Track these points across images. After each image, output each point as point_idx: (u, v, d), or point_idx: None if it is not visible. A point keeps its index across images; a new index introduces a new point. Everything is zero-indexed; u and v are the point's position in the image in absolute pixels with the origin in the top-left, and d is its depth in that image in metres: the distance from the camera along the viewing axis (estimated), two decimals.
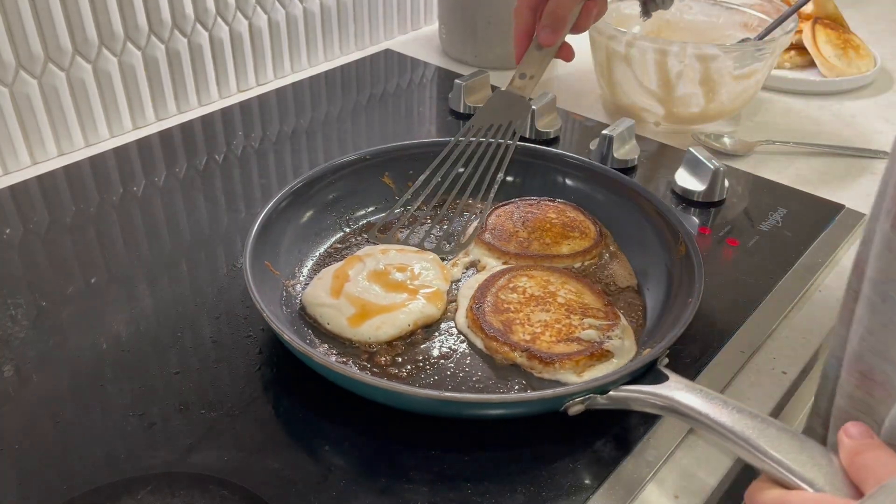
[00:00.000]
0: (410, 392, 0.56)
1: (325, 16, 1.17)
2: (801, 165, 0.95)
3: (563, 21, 0.71)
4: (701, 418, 0.50)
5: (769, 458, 0.45)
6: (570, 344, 0.62)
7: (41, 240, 0.79)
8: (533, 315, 0.65)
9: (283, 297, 0.68)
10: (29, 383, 0.62)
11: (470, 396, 0.59)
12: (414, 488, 0.53)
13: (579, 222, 0.77)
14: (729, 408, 0.49)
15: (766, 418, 0.47)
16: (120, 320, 0.68)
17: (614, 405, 0.55)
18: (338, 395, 0.60)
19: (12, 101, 0.88)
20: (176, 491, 0.52)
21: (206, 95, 1.07)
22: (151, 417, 0.58)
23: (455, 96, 1.04)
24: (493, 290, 0.67)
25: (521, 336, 0.63)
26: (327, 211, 0.78)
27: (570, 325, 0.64)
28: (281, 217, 0.72)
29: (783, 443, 0.45)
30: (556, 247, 0.74)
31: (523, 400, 0.57)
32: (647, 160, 0.94)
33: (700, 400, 0.51)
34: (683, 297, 0.64)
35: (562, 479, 0.54)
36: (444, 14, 1.21)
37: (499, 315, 0.65)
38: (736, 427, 0.47)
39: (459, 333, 0.66)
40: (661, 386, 0.53)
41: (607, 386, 0.55)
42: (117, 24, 0.93)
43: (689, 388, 0.53)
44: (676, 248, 0.69)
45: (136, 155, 0.94)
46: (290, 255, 0.73)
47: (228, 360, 0.63)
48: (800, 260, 0.76)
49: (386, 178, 0.82)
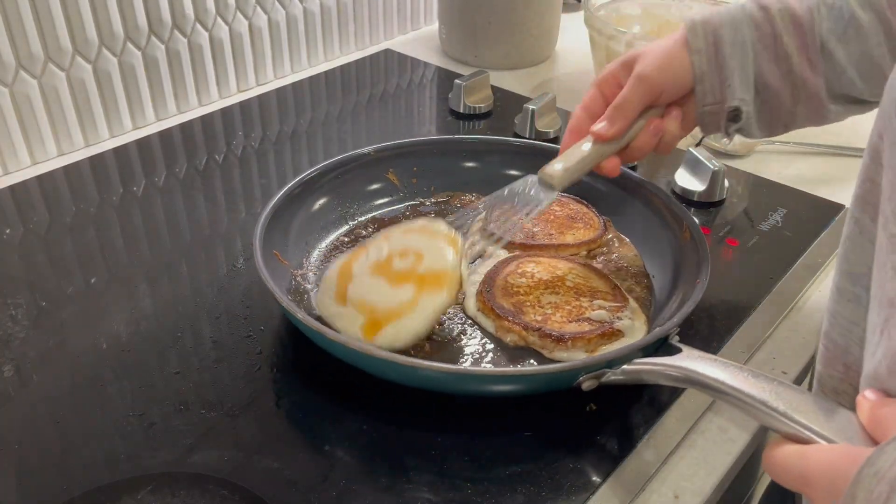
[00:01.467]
0: (427, 366, 0.55)
1: (325, 16, 1.17)
2: (801, 165, 0.95)
3: (625, 118, 0.64)
4: (718, 385, 0.50)
5: (788, 419, 0.45)
6: (581, 324, 0.63)
7: (41, 240, 0.79)
8: (543, 297, 0.65)
9: (292, 286, 0.69)
10: (29, 383, 0.62)
11: (487, 370, 0.60)
12: (414, 488, 0.53)
13: (583, 213, 0.78)
14: (745, 373, 0.49)
15: (783, 381, 0.48)
16: (120, 320, 0.68)
17: (628, 379, 0.55)
18: (338, 394, 0.60)
19: (12, 101, 0.88)
20: (176, 491, 0.52)
21: (206, 95, 1.07)
22: (151, 417, 0.58)
23: (455, 96, 1.04)
24: (503, 276, 0.68)
25: (532, 317, 0.63)
26: (335, 203, 0.79)
27: (580, 307, 0.64)
28: (291, 206, 0.73)
29: (801, 403, 0.45)
30: (561, 236, 0.75)
31: (539, 373, 0.57)
32: (647, 160, 0.94)
33: (716, 368, 0.51)
34: (691, 278, 0.65)
35: (562, 480, 0.54)
36: (444, 14, 1.21)
37: (509, 298, 0.65)
38: (753, 391, 0.48)
39: (468, 318, 0.66)
40: (675, 357, 0.54)
41: (621, 359, 0.55)
42: (117, 24, 0.93)
43: (703, 357, 0.53)
44: (681, 234, 0.71)
45: (136, 155, 0.94)
46: (298, 245, 0.73)
47: (228, 360, 0.63)
48: (800, 260, 0.76)
49: (391, 175, 0.82)
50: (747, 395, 0.48)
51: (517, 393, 0.59)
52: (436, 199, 0.83)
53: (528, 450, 0.56)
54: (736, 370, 0.50)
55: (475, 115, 1.03)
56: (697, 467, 0.57)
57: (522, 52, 1.19)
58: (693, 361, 0.53)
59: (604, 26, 0.97)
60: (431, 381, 0.57)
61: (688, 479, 0.56)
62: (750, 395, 0.48)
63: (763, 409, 0.47)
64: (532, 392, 0.59)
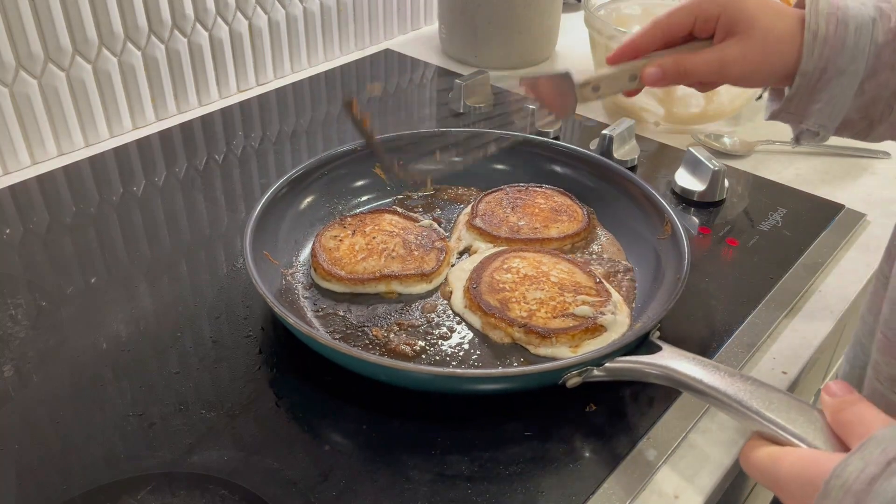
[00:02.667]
0: (413, 369, 0.57)
1: (325, 16, 1.17)
2: (801, 165, 0.95)
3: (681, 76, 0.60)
4: (695, 383, 0.52)
5: (762, 417, 0.46)
6: (565, 319, 0.64)
7: (41, 240, 0.79)
8: (528, 293, 0.66)
9: (283, 285, 0.69)
10: (29, 383, 0.62)
11: (471, 371, 0.61)
12: (414, 488, 0.53)
13: (567, 206, 0.79)
14: (721, 372, 0.51)
15: (758, 380, 0.49)
16: (120, 320, 0.68)
17: (610, 376, 0.57)
18: (338, 394, 0.60)
19: (12, 101, 0.88)
20: (176, 491, 0.52)
21: (206, 95, 1.07)
22: (151, 417, 0.58)
23: (455, 96, 1.04)
24: (489, 272, 0.69)
25: (517, 313, 0.64)
26: (322, 201, 0.79)
27: (565, 303, 0.65)
28: (278, 206, 0.74)
29: (774, 402, 0.47)
30: (545, 230, 0.76)
31: (523, 373, 0.58)
32: (647, 160, 0.94)
33: (694, 366, 0.53)
34: (672, 274, 0.66)
35: (562, 479, 0.54)
36: (444, 14, 1.21)
37: (495, 294, 0.66)
38: (729, 389, 0.49)
39: (456, 315, 0.67)
40: (656, 356, 0.55)
41: (603, 358, 0.57)
42: (117, 24, 0.93)
43: (682, 356, 0.55)
44: (662, 228, 0.72)
45: (136, 155, 0.94)
46: (288, 244, 0.74)
47: (228, 360, 0.63)
48: (800, 260, 0.76)
49: (377, 169, 0.83)
50: (722, 393, 0.49)
51: (504, 391, 0.60)
52: (423, 193, 0.84)
53: (528, 450, 0.56)
54: (713, 368, 0.52)
55: (475, 116, 1.03)
56: (697, 467, 0.57)
57: (522, 52, 1.19)
58: (672, 360, 0.54)
59: (604, 26, 0.97)
60: (417, 382, 0.58)
61: (688, 479, 0.56)
62: (725, 393, 0.49)
63: (738, 406, 0.48)
64: (519, 390, 0.60)
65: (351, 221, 0.75)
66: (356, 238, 0.73)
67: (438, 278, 0.71)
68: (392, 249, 0.72)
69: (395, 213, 0.78)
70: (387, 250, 0.71)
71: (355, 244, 0.72)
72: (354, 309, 0.68)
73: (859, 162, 0.96)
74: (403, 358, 0.62)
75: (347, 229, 0.74)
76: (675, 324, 0.67)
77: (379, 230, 0.74)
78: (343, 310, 0.68)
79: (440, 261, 0.71)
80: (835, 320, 0.71)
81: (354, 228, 0.74)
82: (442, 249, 0.73)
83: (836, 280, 0.76)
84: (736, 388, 0.49)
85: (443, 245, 0.73)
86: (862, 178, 0.93)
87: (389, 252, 0.71)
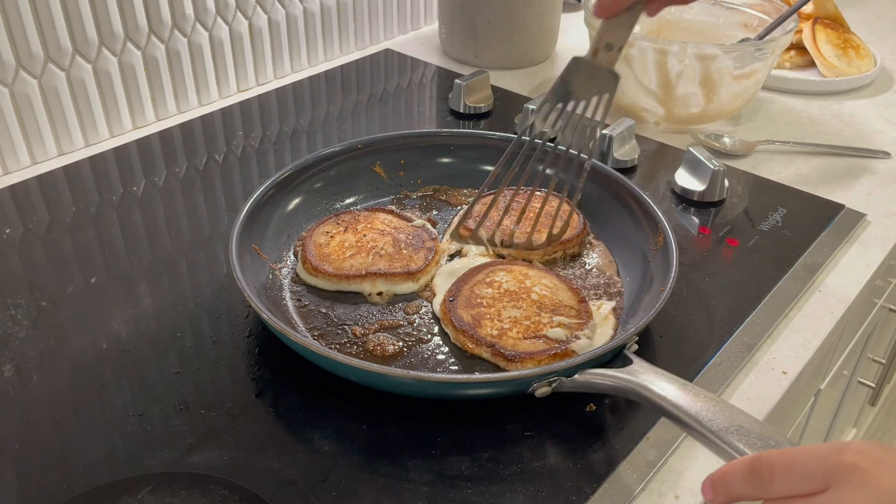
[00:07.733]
0: (381, 371, 0.57)
1: (325, 16, 1.17)
2: (801, 165, 0.95)
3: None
4: (657, 399, 0.51)
5: (719, 439, 0.46)
6: (535, 342, 0.62)
7: (41, 240, 0.79)
8: (504, 311, 0.65)
9: (269, 279, 0.69)
10: (29, 383, 0.62)
11: (438, 376, 0.60)
12: (414, 488, 0.53)
13: (562, 211, 0.77)
14: (688, 390, 0.50)
15: (729, 404, 0.48)
16: (120, 320, 0.68)
17: (580, 388, 0.56)
18: (338, 394, 0.60)
19: (12, 101, 0.88)
20: (176, 491, 0.52)
21: (206, 95, 1.07)
22: (151, 417, 0.58)
23: (455, 96, 1.04)
24: (469, 285, 0.68)
25: (488, 331, 0.63)
26: (317, 197, 0.79)
27: (539, 323, 0.64)
28: (269, 203, 0.74)
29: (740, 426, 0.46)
30: (538, 235, 0.74)
31: (490, 380, 0.57)
32: (647, 160, 0.94)
33: (662, 382, 0.52)
34: (657, 286, 0.66)
35: (562, 480, 0.54)
36: (444, 14, 1.21)
37: (470, 309, 0.66)
38: (690, 408, 0.49)
39: (436, 317, 0.67)
40: (625, 370, 0.55)
41: (573, 369, 0.56)
42: (117, 24, 0.93)
43: (650, 371, 0.54)
44: (655, 238, 0.71)
45: (136, 155, 0.94)
46: (279, 239, 0.74)
47: (228, 360, 0.63)
48: (800, 260, 0.76)
49: (377, 168, 0.83)
50: (684, 412, 0.49)
51: (477, 397, 0.59)
52: (421, 193, 0.84)
53: (528, 450, 0.56)
54: (681, 386, 0.51)
55: (475, 115, 1.03)
56: (697, 467, 0.57)
57: (522, 52, 1.19)
58: (641, 375, 0.54)
59: None
60: (384, 383, 0.58)
61: (688, 479, 0.56)
62: (686, 412, 0.49)
63: (697, 427, 0.48)
64: (493, 396, 0.59)
65: (345, 218, 0.75)
66: (347, 235, 0.73)
67: (425, 277, 0.71)
68: (381, 248, 0.72)
69: (390, 212, 0.78)
70: (375, 248, 0.71)
71: (345, 241, 0.72)
72: (338, 307, 0.68)
73: (859, 162, 0.96)
74: (379, 358, 0.62)
75: (340, 226, 0.74)
76: (675, 324, 0.67)
77: (371, 228, 0.74)
78: (326, 307, 0.68)
79: (428, 260, 0.71)
80: (835, 320, 0.71)
81: (347, 225, 0.74)
82: (431, 249, 0.72)
83: (836, 280, 0.76)
84: (699, 407, 0.48)
85: (433, 245, 0.73)
86: (862, 177, 0.93)
87: (378, 250, 0.71)
